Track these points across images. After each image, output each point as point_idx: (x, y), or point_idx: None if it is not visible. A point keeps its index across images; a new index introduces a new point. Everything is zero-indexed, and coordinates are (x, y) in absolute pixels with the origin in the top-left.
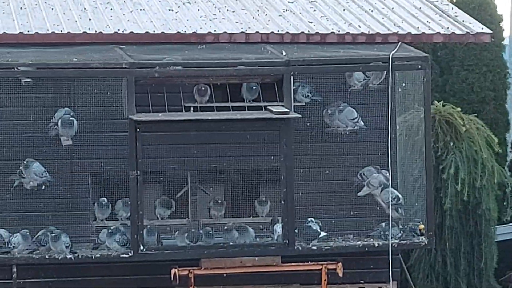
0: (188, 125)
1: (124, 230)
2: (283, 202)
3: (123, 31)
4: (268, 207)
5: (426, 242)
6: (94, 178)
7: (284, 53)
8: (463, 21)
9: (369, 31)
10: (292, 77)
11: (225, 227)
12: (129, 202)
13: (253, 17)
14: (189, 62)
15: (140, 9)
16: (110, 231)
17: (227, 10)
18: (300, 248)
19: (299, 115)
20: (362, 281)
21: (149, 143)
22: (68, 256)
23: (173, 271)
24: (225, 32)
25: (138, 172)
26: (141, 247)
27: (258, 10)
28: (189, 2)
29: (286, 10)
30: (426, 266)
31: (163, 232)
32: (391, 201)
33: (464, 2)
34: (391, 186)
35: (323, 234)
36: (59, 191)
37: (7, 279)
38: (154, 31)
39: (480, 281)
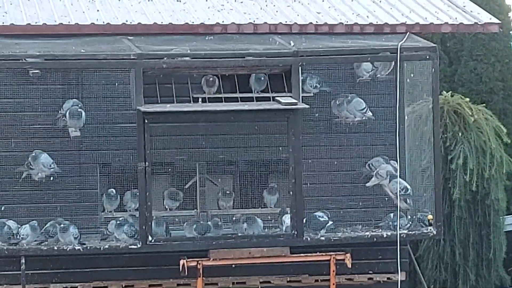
0: (196, 116)
1: (133, 221)
2: (291, 193)
3: (131, 22)
4: (276, 196)
5: (435, 233)
6: (102, 169)
7: (292, 44)
8: (471, 11)
9: (377, 22)
10: (300, 68)
11: (234, 218)
12: (138, 193)
13: (261, 8)
14: (197, 53)
15: (148, 0)
16: (118, 222)
17: (235, 1)
18: (309, 238)
19: (307, 106)
20: (371, 272)
21: (157, 134)
22: (77, 248)
23: (181, 262)
24: (233, 23)
25: (147, 163)
26: (150, 238)
27: (266, 1)
28: None
29: (294, 1)
30: (435, 256)
31: (171, 223)
32: (400, 191)
33: None
34: (400, 177)
35: (330, 223)
36: (67, 183)
37: (16, 270)
38: (162, 22)
39: (489, 271)
